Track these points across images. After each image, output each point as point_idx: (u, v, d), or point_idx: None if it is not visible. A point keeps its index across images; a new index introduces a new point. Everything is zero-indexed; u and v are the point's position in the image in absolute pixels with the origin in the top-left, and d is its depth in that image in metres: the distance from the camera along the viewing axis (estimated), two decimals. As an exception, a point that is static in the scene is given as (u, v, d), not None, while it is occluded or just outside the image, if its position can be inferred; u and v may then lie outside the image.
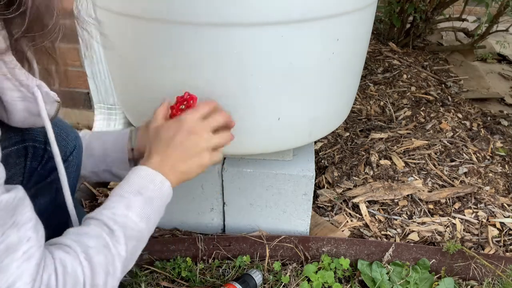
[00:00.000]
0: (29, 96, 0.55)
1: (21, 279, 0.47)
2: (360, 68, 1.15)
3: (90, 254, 0.57)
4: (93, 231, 0.61)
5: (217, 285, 1.15)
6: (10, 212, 0.48)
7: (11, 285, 0.47)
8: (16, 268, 0.47)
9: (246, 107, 0.95)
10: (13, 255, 0.47)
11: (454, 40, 2.91)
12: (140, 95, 1.03)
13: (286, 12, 0.83)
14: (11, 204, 0.48)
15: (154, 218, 0.69)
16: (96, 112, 1.60)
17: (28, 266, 0.48)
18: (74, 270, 0.55)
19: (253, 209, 1.25)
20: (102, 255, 0.58)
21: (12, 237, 0.48)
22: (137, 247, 0.66)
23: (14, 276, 0.47)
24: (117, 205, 0.65)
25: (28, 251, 0.49)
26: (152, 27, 0.86)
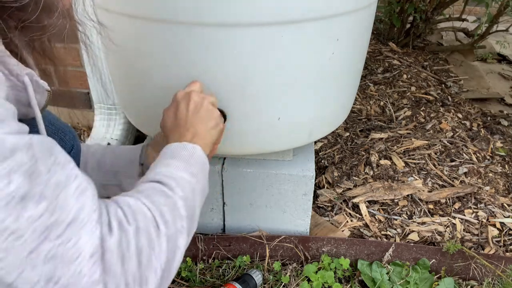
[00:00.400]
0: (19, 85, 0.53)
1: (84, 210, 0.45)
2: (360, 68, 1.15)
3: (151, 196, 0.56)
4: (142, 186, 0.59)
5: (217, 285, 1.15)
6: (47, 150, 0.45)
7: (75, 219, 0.44)
8: (75, 201, 0.45)
9: (246, 107, 0.95)
10: (66, 190, 0.44)
11: (454, 40, 2.91)
12: (139, 95, 1.03)
13: (286, 12, 0.83)
14: (46, 142, 0.45)
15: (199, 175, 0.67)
16: (96, 112, 1.60)
17: (85, 197, 0.46)
18: (139, 207, 0.53)
19: (253, 209, 1.25)
20: (162, 197, 0.57)
21: (59, 174, 0.45)
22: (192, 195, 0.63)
23: (75, 209, 0.44)
24: (157, 169, 0.63)
25: (79, 186, 0.46)
26: (151, 27, 0.86)
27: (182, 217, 0.58)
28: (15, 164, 0.40)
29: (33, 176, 0.41)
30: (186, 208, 0.59)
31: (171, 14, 0.83)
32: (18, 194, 0.40)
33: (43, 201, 0.42)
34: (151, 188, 0.59)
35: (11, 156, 0.40)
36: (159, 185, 0.60)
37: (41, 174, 0.42)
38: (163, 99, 0.98)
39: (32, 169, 0.41)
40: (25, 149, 0.41)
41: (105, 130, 1.60)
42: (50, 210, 0.42)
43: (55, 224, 0.42)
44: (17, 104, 0.54)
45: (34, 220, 0.41)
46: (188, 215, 0.60)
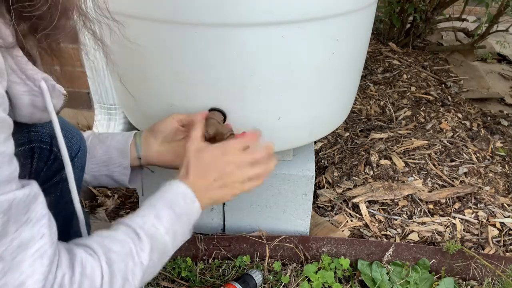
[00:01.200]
0: (36, 90, 0.54)
1: (32, 277, 0.47)
2: (360, 68, 1.15)
3: (112, 259, 0.57)
4: (120, 236, 0.61)
5: (217, 285, 1.15)
6: (24, 209, 0.47)
7: (22, 283, 0.46)
8: (28, 266, 0.47)
9: (246, 107, 0.95)
10: (25, 252, 0.47)
11: (454, 40, 2.91)
12: (140, 95, 1.03)
13: (286, 12, 0.83)
14: (26, 201, 0.47)
15: (180, 234, 0.70)
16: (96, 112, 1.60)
17: (40, 263, 0.48)
18: (92, 272, 0.54)
19: (253, 209, 1.25)
20: (123, 262, 0.58)
21: (25, 234, 0.47)
22: (160, 259, 0.66)
23: (25, 274, 0.47)
24: (148, 214, 0.66)
25: (41, 248, 0.49)
26: (151, 27, 0.86)
27: (133, 285, 0.60)
28: None
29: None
30: (143, 276, 0.62)
31: (170, 14, 0.83)
32: None
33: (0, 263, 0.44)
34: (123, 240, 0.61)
35: None
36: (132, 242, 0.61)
37: (8, 235, 0.45)
38: (163, 99, 0.98)
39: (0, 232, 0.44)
40: (1, 214, 0.43)
41: (105, 130, 1.60)
42: (3, 272, 0.44)
43: (2, 286, 0.44)
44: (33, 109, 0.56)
45: None
46: (141, 281, 0.62)
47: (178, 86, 0.94)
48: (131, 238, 0.62)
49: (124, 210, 1.42)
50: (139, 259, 0.61)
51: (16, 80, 0.52)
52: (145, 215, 0.66)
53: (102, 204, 1.43)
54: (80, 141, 0.81)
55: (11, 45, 0.48)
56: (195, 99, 0.94)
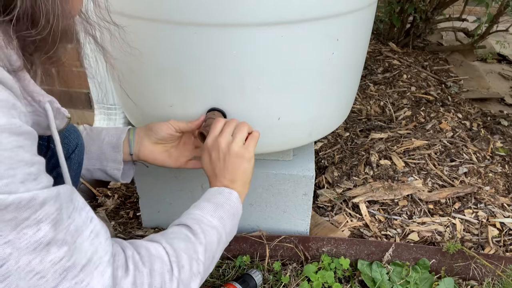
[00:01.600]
0: (40, 111, 0.58)
1: (97, 254, 0.51)
2: (360, 68, 1.15)
3: (172, 241, 0.62)
4: (173, 229, 0.68)
5: (217, 285, 1.15)
6: (69, 198, 0.51)
7: (89, 261, 0.50)
8: (89, 245, 0.51)
9: (246, 107, 0.95)
10: (82, 234, 0.51)
11: (454, 40, 2.91)
12: (139, 95, 1.03)
13: (286, 12, 0.83)
14: (68, 191, 0.51)
15: (229, 222, 0.75)
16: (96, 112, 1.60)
17: (99, 241, 0.52)
18: (158, 252, 0.59)
19: (253, 209, 1.25)
20: (183, 243, 0.64)
21: (78, 220, 0.51)
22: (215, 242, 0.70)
23: (90, 252, 0.50)
24: (190, 210, 0.73)
25: (94, 229, 0.53)
26: (151, 27, 0.86)
27: (200, 262, 0.64)
28: (44, 215, 0.46)
29: (57, 224, 0.48)
30: (206, 253, 0.66)
31: (170, 14, 0.83)
32: (44, 241, 0.46)
33: (64, 246, 0.48)
34: (177, 232, 0.67)
35: (41, 208, 0.46)
36: (185, 229, 0.68)
37: (64, 222, 0.49)
38: (163, 99, 0.98)
39: (57, 218, 0.48)
40: (52, 201, 0.47)
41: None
42: (69, 254, 0.48)
43: (72, 267, 0.48)
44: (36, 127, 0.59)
45: (55, 263, 0.47)
46: (206, 261, 0.66)
47: (178, 86, 0.94)
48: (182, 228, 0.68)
49: (124, 210, 1.42)
50: (196, 239, 0.66)
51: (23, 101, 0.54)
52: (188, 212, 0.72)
53: (102, 204, 1.43)
54: (77, 138, 0.83)
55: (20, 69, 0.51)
56: (195, 99, 0.94)
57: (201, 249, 0.65)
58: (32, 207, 0.45)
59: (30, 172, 0.46)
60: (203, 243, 0.66)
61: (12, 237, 0.44)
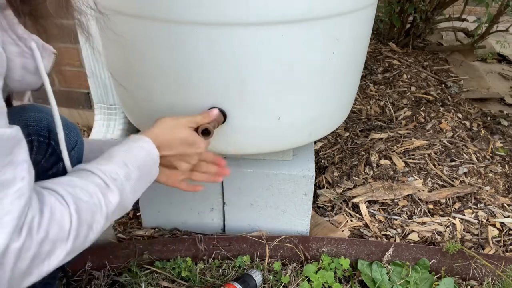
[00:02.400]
0: (26, 52, 0.56)
1: (10, 214, 0.50)
2: (360, 68, 1.15)
3: (80, 207, 0.59)
4: (90, 187, 0.63)
5: (217, 285, 1.15)
6: (8, 150, 0.50)
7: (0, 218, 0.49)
8: (9, 203, 0.49)
9: (246, 107, 0.95)
10: (7, 190, 0.50)
11: (454, 40, 2.91)
12: (139, 95, 1.03)
13: (286, 12, 0.83)
14: (11, 141, 0.50)
15: (139, 192, 0.75)
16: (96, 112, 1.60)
17: (19, 203, 0.50)
18: (62, 217, 0.57)
19: (253, 209, 1.25)
20: (91, 211, 0.61)
21: (8, 175, 0.50)
22: (119, 214, 0.70)
23: (5, 211, 0.49)
24: (119, 172, 0.69)
25: (20, 189, 0.51)
26: (150, 26, 0.86)
27: (96, 232, 0.62)
28: None
29: None
30: (105, 224, 0.64)
31: (170, 13, 0.83)
32: None
33: None
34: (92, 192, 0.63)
35: None
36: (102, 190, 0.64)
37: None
38: (163, 99, 0.98)
39: None
40: None
41: (105, 130, 1.60)
42: None
43: None
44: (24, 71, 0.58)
45: None
46: (103, 229, 0.64)
47: (178, 86, 0.94)
48: (100, 190, 0.64)
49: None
50: (106, 210, 0.64)
51: (8, 39, 0.53)
52: (117, 172, 0.68)
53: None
54: (77, 136, 0.83)
55: (4, 6, 0.50)
56: (195, 98, 0.94)
57: (103, 223, 0.63)
58: None
59: None
60: (109, 216, 0.64)
61: None
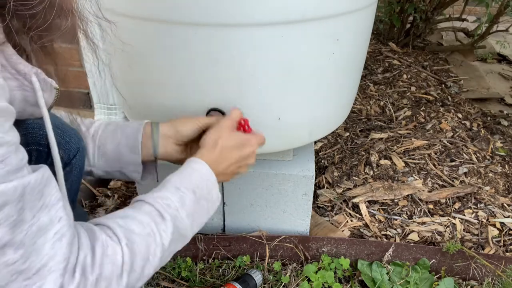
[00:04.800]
0: (26, 85, 0.54)
1: (54, 259, 0.48)
2: (360, 68, 1.15)
3: (133, 240, 0.58)
4: (142, 217, 0.61)
5: (217, 285, 1.15)
6: (38, 194, 0.48)
7: (44, 265, 0.48)
8: (49, 248, 0.48)
9: (246, 107, 0.95)
10: (45, 236, 0.48)
11: (454, 40, 2.91)
12: (140, 95, 1.03)
13: (286, 12, 0.83)
14: (39, 185, 0.48)
15: (198, 218, 0.71)
16: (96, 112, 1.60)
17: (60, 245, 0.49)
18: (114, 253, 0.55)
19: (253, 209, 1.25)
20: (144, 244, 0.59)
21: (43, 219, 0.48)
22: (178, 242, 0.67)
23: (47, 257, 0.48)
24: (172, 197, 0.66)
25: (59, 231, 0.50)
26: (151, 28, 0.86)
27: (154, 264, 0.61)
28: (2, 217, 0.44)
29: (16, 226, 0.45)
30: (162, 255, 0.62)
31: (170, 14, 0.83)
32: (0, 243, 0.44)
33: (20, 249, 0.46)
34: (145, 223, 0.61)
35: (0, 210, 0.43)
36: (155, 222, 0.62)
37: (25, 223, 0.46)
38: (163, 99, 0.98)
39: (17, 220, 0.45)
40: (14, 203, 0.45)
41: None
42: (25, 257, 0.46)
43: (26, 270, 0.46)
44: (24, 104, 0.56)
45: (9, 265, 0.45)
46: (161, 261, 0.62)
47: (178, 86, 0.94)
48: (153, 219, 0.62)
49: (124, 210, 1.42)
50: (161, 240, 0.61)
51: (7, 75, 0.52)
52: (169, 198, 0.66)
53: (102, 204, 1.43)
54: (78, 142, 0.80)
55: (1, 42, 0.48)
56: (195, 99, 0.94)
57: (160, 253, 0.61)
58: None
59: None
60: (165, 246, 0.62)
61: None
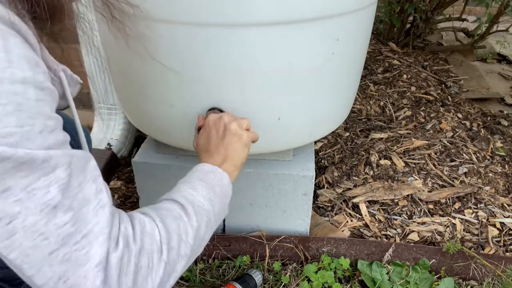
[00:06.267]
0: (55, 79, 0.60)
1: (98, 225, 0.51)
2: (360, 68, 1.15)
3: (165, 220, 0.62)
4: (166, 205, 0.66)
5: (217, 285, 1.15)
6: (82, 167, 0.52)
7: (90, 231, 0.50)
8: (93, 215, 0.51)
9: (246, 107, 0.95)
10: (89, 204, 0.51)
11: (454, 40, 2.91)
12: (140, 95, 1.03)
13: (286, 12, 0.83)
14: (83, 159, 0.52)
15: (218, 204, 0.74)
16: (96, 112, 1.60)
17: (103, 212, 0.53)
18: (152, 229, 0.59)
19: (253, 209, 1.25)
20: (175, 223, 0.63)
21: (86, 190, 0.52)
22: (205, 225, 0.69)
23: (92, 224, 0.51)
24: (183, 187, 0.71)
25: (101, 201, 0.53)
26: (151, 28, 0.86)
27: (188, 245, 0.64)
28: (54, 179, 0.48)
29: (65, 190, 0.49)
30: (195, 237, 0.65)
31: (171, 14, 0.83)
32: (52, 203, 0.47)
33: (69, 212, 0.49)
34: (170, 209, 0.65)
35: (53, 171, 0.47)
36: (178, 207, 0.66)
37: (72, 189, 0.50)
38: (163, 99, 0.98)
39: (66, 184, 0.49)
40: (64, 167, 0.49)
41: (105, 130, 1.60)
42: (73, 220, 0.49)
43: (74, 233, 0.49)
44: None
45: (59, 227, 0.48)
46: (195, 244, 0.65)
47: (178, 86, 0.94)
48: (176, 206, 0.66)
49: (124, 210, 1.42)
50: (188, 220, 0.65)
51: None
52: (181, 189, 0.70)
53: None
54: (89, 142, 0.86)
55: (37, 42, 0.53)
56: (195, 99, 0.94)
57: (192, 231, 0.65)
58: (44, 168, 0.46)
59: (48, 124, 0.48)
60: (194, 226, 0.66)
61: (22, 196, 0.45)
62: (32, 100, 0.46)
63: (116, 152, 1.57)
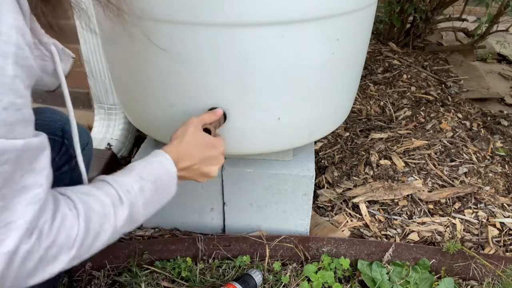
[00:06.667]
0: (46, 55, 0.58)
1: (23, 218, 0.52)
2: (360, 68, 1.15)
3: (90, 218, 0.61)
4: (103, 197, 0.64)
5: (217, 285, 1.15)
6: (32, 157, 0.52)
7: (13, 222, 0.51)
8: (23, 207, 0.51)
9: (246, 107, 0.95)
10: (25, 196, 0.52)
11: (454, 40, 2.91)
12: (139, 95, 1.03)
13: (286, 12, 0.83)
14: (38, 149, 0.52)
15: (152, 208, 0.73)
16: (96, 112, 1.60)
17: (33, 208, 0.52)
18: (71, 227, 0.58)
19: (253, 209, 1.25)
20: (99, 222, 0.62)
21: (29, 180, 0.52)
22: (130, 226, 0.69)
23: (18, 215, 0.51)
24: (134, 184, 0.69)
25: (37, 195, 0.53)
26: (151, 28, 0.86)
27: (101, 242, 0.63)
28: None
29: (6, 182, 0.49)
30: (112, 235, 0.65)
31: (171, 14, 0.83)
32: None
33: (1, 201, 0.49)
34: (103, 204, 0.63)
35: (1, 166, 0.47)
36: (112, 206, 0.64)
37: (13, 180, 0.50)
38: (163, 99, 0.98)
39: (8, 177, 0.49)
40: (12, 162, 0.48)
41: (105, 130, 1.60)
42: (3, 208, 0.50)
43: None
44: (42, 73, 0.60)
45: None
46: (110, 239, 0.65)
47: (178, 86, 0.94)
48: (113, 202, 0.65)
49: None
50: (115, 222, 0.64)
51: None
52: (131, 184, 0.68)
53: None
54: (88, 137, 0.84)
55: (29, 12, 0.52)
56: (195, 99, 0.94)
57: (110, 235, 0.64)
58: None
59: (16, 102, 0.47)
60: (117, 228, 0.65)
61: None
62: (9, 76, 0.46)
63: (116, 152, 1.57)
